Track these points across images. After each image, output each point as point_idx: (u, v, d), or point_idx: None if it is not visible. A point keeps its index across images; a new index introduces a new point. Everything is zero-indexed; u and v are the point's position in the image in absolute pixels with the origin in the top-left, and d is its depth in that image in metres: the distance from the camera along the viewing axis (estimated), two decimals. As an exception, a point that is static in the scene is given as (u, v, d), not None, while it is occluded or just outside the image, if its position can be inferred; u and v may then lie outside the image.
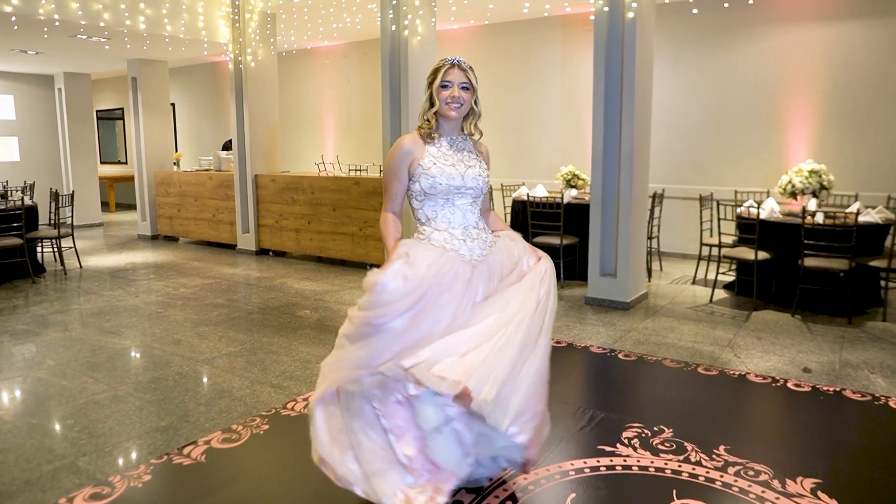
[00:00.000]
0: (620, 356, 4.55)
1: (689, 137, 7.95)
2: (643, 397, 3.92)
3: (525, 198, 6.89)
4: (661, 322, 5.38)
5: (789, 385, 3.96)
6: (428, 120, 2.56)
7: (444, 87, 2.51)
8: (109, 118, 15.70)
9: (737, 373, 4.19)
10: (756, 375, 4.13)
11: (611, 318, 5.49)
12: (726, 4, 6.94)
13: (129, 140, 14.70)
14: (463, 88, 2.52)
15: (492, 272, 2.48)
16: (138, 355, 4.60)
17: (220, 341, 4.90)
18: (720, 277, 6.46)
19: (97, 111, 15.73)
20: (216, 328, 5.25)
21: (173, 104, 13.98)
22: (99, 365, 4.39)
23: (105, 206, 14.94)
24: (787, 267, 5.81)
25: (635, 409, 3.68)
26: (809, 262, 5.46)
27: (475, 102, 2.58)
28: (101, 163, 15.83)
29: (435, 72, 2.55)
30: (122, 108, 15.02)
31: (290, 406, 3.65)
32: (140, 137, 10.19)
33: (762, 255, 5.75)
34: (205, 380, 4.11)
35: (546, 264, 2.56)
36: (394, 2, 6.61)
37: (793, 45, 7.24)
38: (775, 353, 4.59)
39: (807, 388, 3.90)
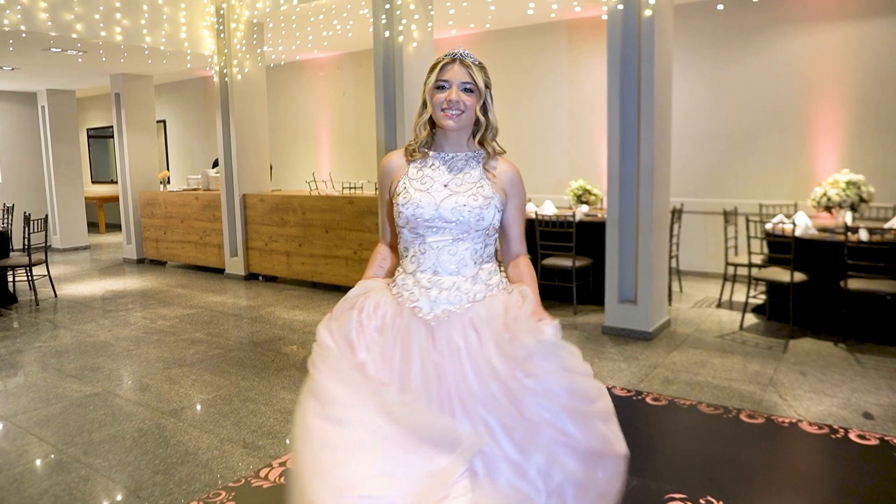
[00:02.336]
0: (649, 400, 3.97)
1: (707, 147, 7.39)
2: (682, 455, 3.33)
3: (533, 216, 6.33)
4: (689, 355, 4.79)
5: (852, 437, 3.36)
6: (419, 131, 1.98)
7: (439, 88, 1.92)
8: (101, 136, 15.23)
9: (787, 420, 3.60)
10: (810, 424, 3.54)
11: (632, 351, 4.90)
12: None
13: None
14: (465, 90, 1.90)
15: (456, 338, 1.80)
16: (97, 405, 4.02)
17: (192, 386, 4.32)
18: (747, 300, 5.88)
19: (88, 129, 15.29)
20: (190, 370, 4.68)
21: (164, 121, 13.51)
22: (50, 419, 3.82)
23: (95, 227, 14.44)
24: (826, 289, 5.23)
25: (675, 472, 3.09)
26: (853, 284, 4.88)
27: (485, 111, 1.95)
28: (93, 182, 15.37)
29: (431, 69, 1.96)
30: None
31: (262, 474, 3.07)
32: (124, 156, 9.68)
33: (797, 276, 5.17)
34: (168, 438, 3.53)
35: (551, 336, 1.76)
36: (387, 6, 6.10)
37: (819, 46, 6.70)
38: (826, 392, 4.00)
39: (874, 441, 3.31)
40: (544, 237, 6.13)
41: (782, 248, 5.32)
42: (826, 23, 6.63)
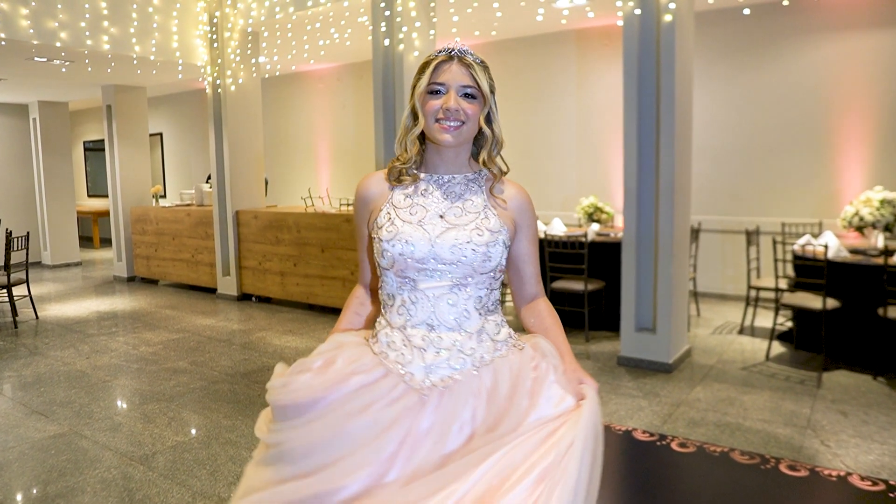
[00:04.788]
0: (674, 446, 3.53)
1: (725, 162, 7.00)
2: (718, 518, 2.90)
3: (542, 235, 5.93)
4: (714, 390, 4.37)
5: (912, 495, 2.94)
6: (406, 148, 1.58)
7: (433, 93, 1.53)
8: (99, 149, 14.92)
9: (834, 473, 3.17)
10: (862, 478, 3.10)
11: (652, 385, 4.49)
12: (786, 2, 6.00)
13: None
14: (465, 96, 1.52)
15: (462, 413, 1.41)
16: (60, 449, 3.62)
17: (168, 426, 3.92)
18: (770, 324, 5.45)
19: (85, 142, 15.00)
20: (169, 405, 4.27)
21: (161, 134, 13.19)
22: (4, 467, 3.42)
23: (89, 241, 14.10)
24: (861, 317, 4.82)
25: (712, 541, 2.66)
26: (893, 312, 4.47)
27: (489, 121, 1.57)
28: (89, 196, 15.04)
29: (422, 69, 1.57)
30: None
31: (235, 541, 2.66)
32: (116, 170, 9.33)
33: (830, 302, 4.76)
34: (133, 491, 3.12)
35: (588, 411, 1.37)
36: (387, 13, 5.75)
37: (845, 55, 6.31)
38: (874, 437, 3.58)
39: (938, 502, 2.88)
40: (554, 258, 5.73)
41: (811, 271, 4.91)
42: (852, 31, 6.25)
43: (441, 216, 1.52)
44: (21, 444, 3.70)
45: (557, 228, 6.34)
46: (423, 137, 1.59)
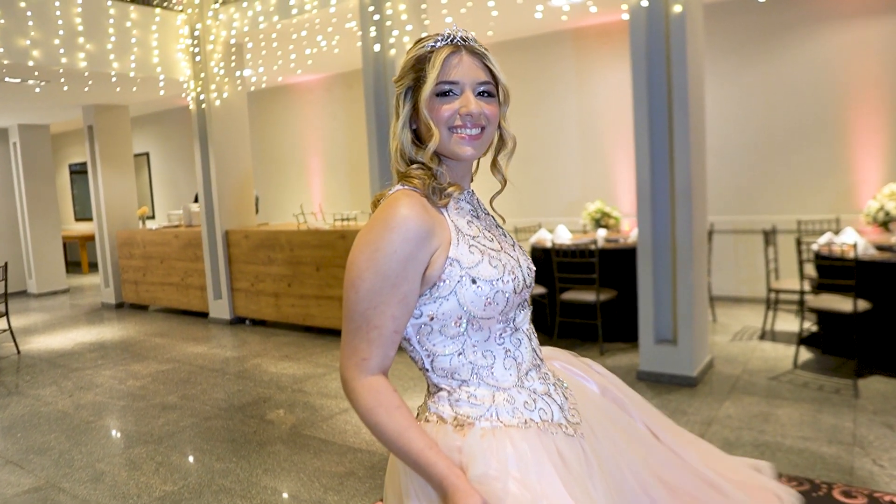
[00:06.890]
0: (713, 473, 3.22)
1: (736, 160, 6.71)
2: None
3: (549, 244, 5.63)
4: (745, 405, 4.06)
5: None
6: (423, 165, 1.24)
7: (444, 94, 1.21)
8: (85, 171, 14.56)
9: (894, 499, 2.87)
10: (928, 505, 2.80)
11: (677, 402, 4.17)
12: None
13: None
14: (481, 95, 1.22)
15: (603, 426, 1.36)
16: (36, 505, 3.28)
17: (155, 473, 3.58)
18: (792, 328, 5.14)
19: (70, 165, 14.66)
20: (157, 448, 3.93)
21: (147, 154, 12.86)
22: (-27, 529, 3.08)
23: (77, 267, 13.73)
24: (893, 319, 4.51)
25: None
26: (931, 313, 4.18)
27: (501, 121, 1.29)
28: (77, 220, 14.69)
29: (418, 63, 1.24)
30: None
31: None
32: (99, 192, 8.99)
33: (861, 304, 4.46)
34: (115, 555, 2.79)
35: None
36: (376, 17, 5.45)
37: (858, 44, 6.04)
38: (928, 454, 3.27)
39: None
40: (562, 268, 5.42)
41: (837, 271, 4.61)
42: (866, 18, 5.98)
43: (502, 237, 1.31)
44: (-8, 501, 3.35)
45: (563, 236, 6.05)
46: (419, 141, 1.28)
